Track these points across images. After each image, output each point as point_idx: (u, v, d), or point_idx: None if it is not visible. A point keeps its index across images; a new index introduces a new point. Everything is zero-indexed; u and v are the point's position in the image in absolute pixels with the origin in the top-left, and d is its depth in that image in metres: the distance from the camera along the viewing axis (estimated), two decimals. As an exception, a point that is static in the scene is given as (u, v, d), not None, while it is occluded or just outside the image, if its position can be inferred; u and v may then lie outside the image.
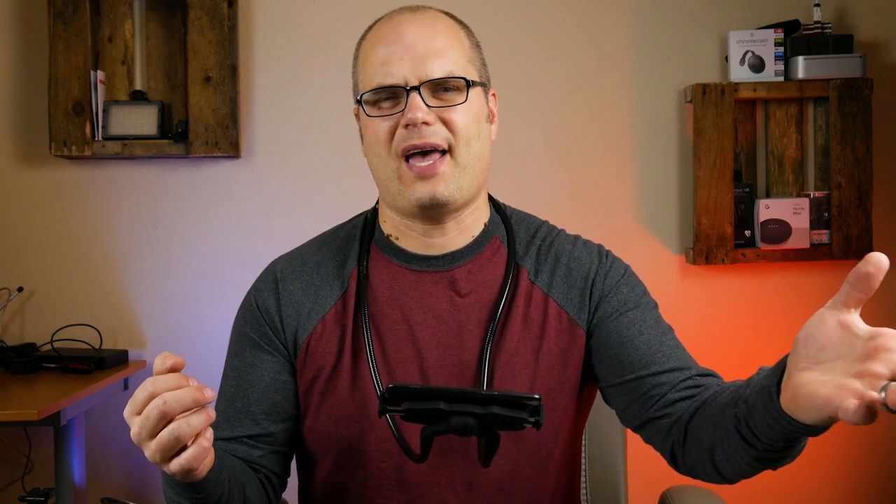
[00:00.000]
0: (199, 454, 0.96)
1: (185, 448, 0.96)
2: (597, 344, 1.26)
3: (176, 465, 0.96)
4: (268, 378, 1.26)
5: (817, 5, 2.58)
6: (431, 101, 1.20)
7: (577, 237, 1.34)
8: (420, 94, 1.19)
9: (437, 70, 1.20)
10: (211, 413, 0.97)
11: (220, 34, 2.57)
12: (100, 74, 2.58)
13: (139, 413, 0.95)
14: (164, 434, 0.94)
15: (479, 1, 2.58)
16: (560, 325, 1.25)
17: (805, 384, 0.84)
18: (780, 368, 0.92)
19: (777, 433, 0.93)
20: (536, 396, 0.98)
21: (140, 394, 0.95)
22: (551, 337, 1.25)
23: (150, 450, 0.96)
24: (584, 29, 2.67)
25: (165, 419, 0.94)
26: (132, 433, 0.96)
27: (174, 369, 0.97)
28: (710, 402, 1.12)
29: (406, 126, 1.19)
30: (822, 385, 0.82)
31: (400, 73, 1.19)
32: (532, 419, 1.00)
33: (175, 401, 0.94)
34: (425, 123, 1.18)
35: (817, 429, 0.89)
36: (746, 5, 2.66)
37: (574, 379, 1.26)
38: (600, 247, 1.33)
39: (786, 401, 0.89)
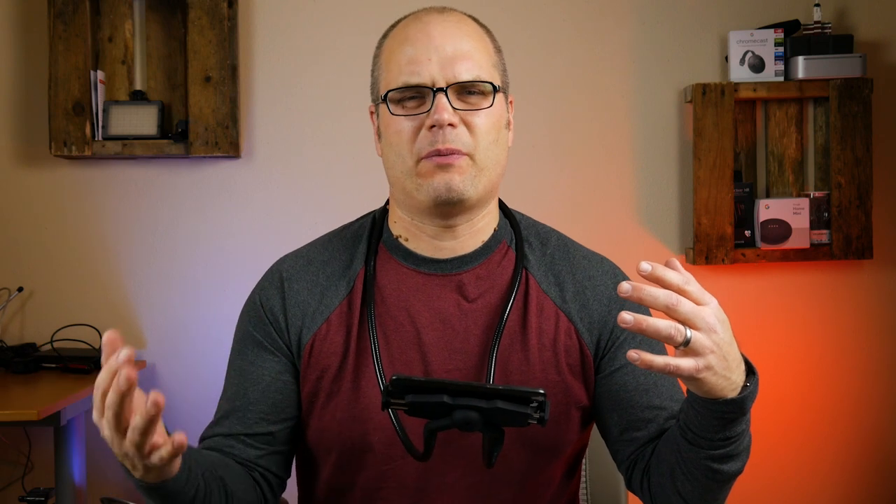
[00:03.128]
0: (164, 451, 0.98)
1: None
2: (602, 379, 1.27)
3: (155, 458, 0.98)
4: (269, 377, 1.26)
5: (817, 5, 2.58)
6: (457, 104, 1.20)
7: (591, 252, 1.33)
8: (447, 95, 1.19)
9: (465, 73, 1.20)
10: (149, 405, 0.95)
11: (220, 34, 2.57)
12: (100, 74, 2.58)
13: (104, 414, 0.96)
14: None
15: (480, 1, 2.58)
16: (570, 341, 1.25)
17: None
18: None
19: (705, 417, 1.06)
20: (542, 391, 0.98)
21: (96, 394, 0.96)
22: (563, 351, 1.24)
23: (122, 447, 0.97)
24: (584, 29, 2.67)
25: (119, 415, 0.95)
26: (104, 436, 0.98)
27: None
28: (666, 433, 1.21)
29: (431, 127, 1.18)
30: None
31: (427, 73, 1.19)
32: (537, 415, 0.99)
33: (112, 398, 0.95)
34: (450, 125, 1.18)
35: (723, 402, 1.03)
36: (746, 5, 2.66)
37: (582, 395, 1.26)
38: (615, 269, 1.32)
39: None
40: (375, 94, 1.27)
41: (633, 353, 0.95)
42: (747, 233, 2.60)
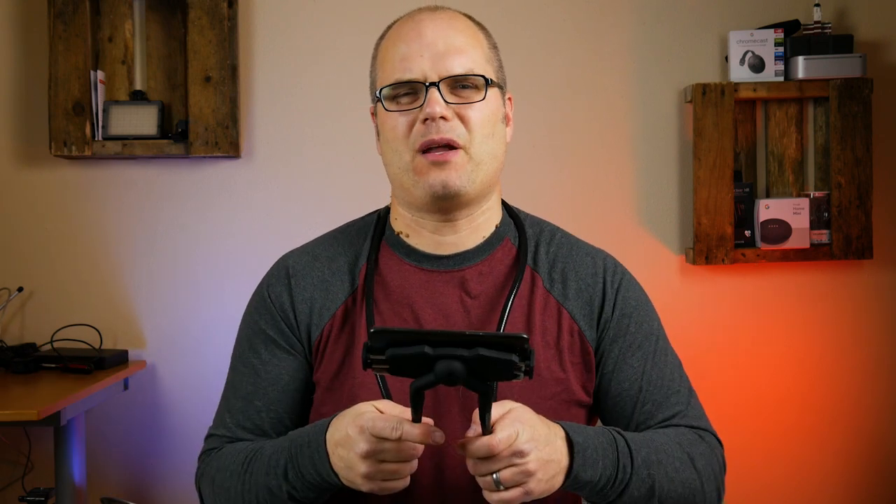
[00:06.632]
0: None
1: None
2: (599, 377, 1.27)
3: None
4: (287, 376, 1.26)
5: (817, 5, 2.58)
6: (450, 98, 1.21)
7: (594, 249, 1.33)
8: (439, 89, 1.20)
9: (457, 66, 1.21)
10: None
11: (220, 34, 2.57)
12: (100, 74, 2.58)
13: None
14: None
15: (480, 1, 2.58)
16: (573, 339, 1.26)
17: None
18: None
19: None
20: (525, 336, 0.96)
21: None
22: (566, 348, 1.25)
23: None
24: (584, 29, 2.67)
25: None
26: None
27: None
28: None
29: (424, 121, 1.20)
30: None
31: (419, 69, 1.21)
32: (522, 363, 0.96)
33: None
34: (443, 119, 1.19)
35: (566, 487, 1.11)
36: (746, 5, 2.66)
37: (584, 392, 1.26)
38: (616, 265, 1.32)
39: None
40: (373, 94, 1.28)
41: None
42: (747, 233, 2.60)
